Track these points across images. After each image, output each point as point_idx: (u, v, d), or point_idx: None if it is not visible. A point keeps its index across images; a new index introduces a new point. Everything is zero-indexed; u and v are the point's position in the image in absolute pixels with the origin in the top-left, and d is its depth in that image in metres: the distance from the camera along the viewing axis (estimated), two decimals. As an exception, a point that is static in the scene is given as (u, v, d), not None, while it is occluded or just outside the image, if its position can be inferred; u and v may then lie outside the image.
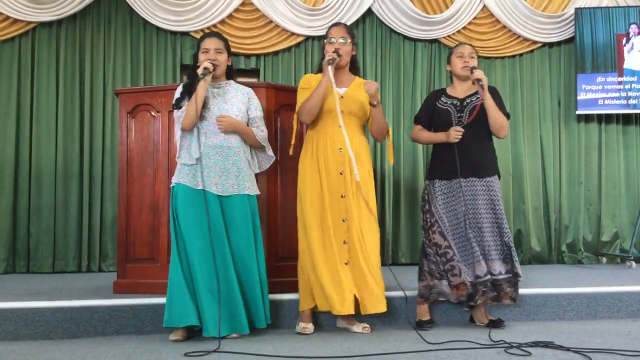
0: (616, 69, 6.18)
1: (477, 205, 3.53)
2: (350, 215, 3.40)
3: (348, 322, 3.51)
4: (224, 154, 3.32)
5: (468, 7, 6.25)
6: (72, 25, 5.85)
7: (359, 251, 3.39)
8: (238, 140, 3.39)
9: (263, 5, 5.95)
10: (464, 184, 3.54)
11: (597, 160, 6.39)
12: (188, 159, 3.32)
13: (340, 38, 3.50)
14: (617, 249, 6.25)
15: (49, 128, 5.71)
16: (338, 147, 3.43)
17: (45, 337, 3.36)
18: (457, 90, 3.71)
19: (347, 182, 3.42)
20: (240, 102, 3.44)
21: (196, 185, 3.28)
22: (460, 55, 3.66)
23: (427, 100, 3.81)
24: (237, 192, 3.34)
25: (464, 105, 3.62)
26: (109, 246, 5.66)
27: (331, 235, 3.38)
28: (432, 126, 3.72)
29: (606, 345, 2.99)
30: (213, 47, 3.40)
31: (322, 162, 3.44)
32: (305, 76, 3.64)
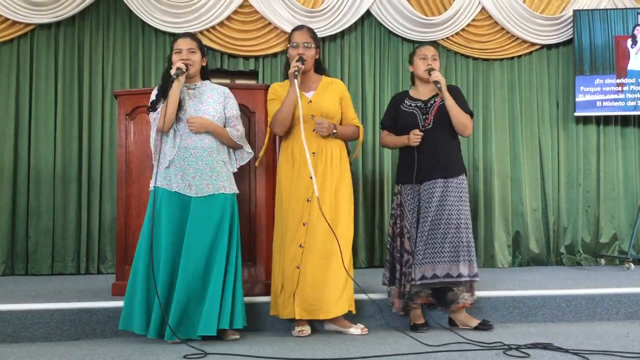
0: (614, 71, 6.19)
1: (443, 206, 3.49)
2: (312, 219, 3.39)
3: (340, 325, 3.49)
4: (198, 155, 3.30)
5: (466, 9, 6.25)
6: (70, 27, 5.85)
7: (315, 255, 3.37)
8: (212, 140, 3.36)
9: (262, 7, 5.96)
10: (428, 186, 3.53)
11: (595, 162, 6.40)
12: (163, 161, 3.31)
13: (304, 42, 3.49)
14: (615, 250, 6.25)
15: (47, 130, 5.71)
16: (312, 151, 3.42)
17: (44, 339, 3.36)
18: (420, 92, 3.70)
19: (319, 186, 3.39)
20: (217, 102, 3.42)
21: (171, 188, 3.29)
22: (423, 57, 3.64)
23: (391, 104, 3.79)
24: (213, 192, 3.31)
25: (428, 107, 3.62)
26: (108, 248, 5.66)
27: (288, 240, 3.41)
28: (397, 130, 3.69)
29: (605, 347, 2.99)
30: (186, 47, 3.38)
31: (296, 167, 3.46)
32: (272, 86, 3.64)
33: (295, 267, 3.38)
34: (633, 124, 6.43)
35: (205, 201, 3.29)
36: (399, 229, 3.61)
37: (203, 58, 3.47)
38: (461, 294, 3.52)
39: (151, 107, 3.36)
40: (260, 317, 3.61)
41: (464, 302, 3.53)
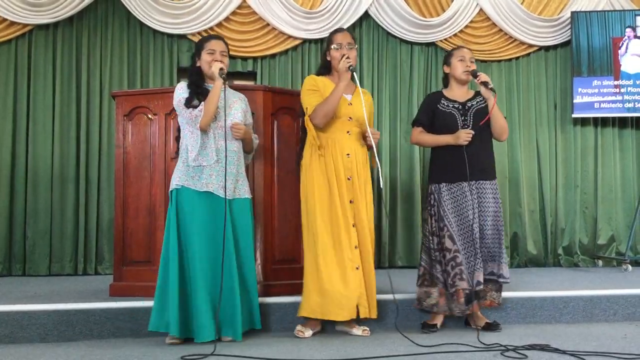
0: (612, 73, 6.20)
1: (484, 207, 3.55)
2: (360, 221, 3.43)
3: (348, 326, 3.50)
4: (230, 158, 3.31)
5: (465, 11, 6.26)
6: (69, 27, 5.85)
7: (368, 256, 3.43)
8: (239, 145, 3.41)
9: (260, 8, 5.96)
10: (474, 186, 3.55)
11: (593, 163, 6.41)
12: (203, 161, 3.27)
13: (348, 43, 3.51)
14: (613, 252, 6.26)
15: (45, 130, 5.70)
16: (346, 153, 3.44)
17: (41, 340, 3.35)
18: (456, 94, 3.70)
19: (355, 188, 3.44)
20: (240, 108, 3.45)
21: (201, 188, 3.26)
22: (461, 59, 3.65)
23: (427, 103, 3.77)
24: (239, 195, 3.36)
25: (466, 109, 3.62)
26: (106, 249, 5.66)
27: (343, 241, 3.38)
28: (434, 129, 3.67)
29: (602, 349, 2.99)
30: (219, 49, 3.40)
31: (330, 167, 3.43)
32: (311, 77, 3.60)
33: (354, 269, 3.38)
34: (631, 125, 6.44)
35: (237, 204, 3.34)
36: (436, 228, 3.58)
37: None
38: (489, 292, 3.57)
39: (187, 104, 3.30)
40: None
41: (492, 300, 3.58)
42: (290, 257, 3.94)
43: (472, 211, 3.52)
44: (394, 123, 6.21)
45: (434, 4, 6.28)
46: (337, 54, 3.47)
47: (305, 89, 3.54)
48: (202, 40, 3.50)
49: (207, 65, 3.37)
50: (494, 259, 3.54)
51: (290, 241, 3.94)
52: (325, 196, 3.42)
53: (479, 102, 3.64)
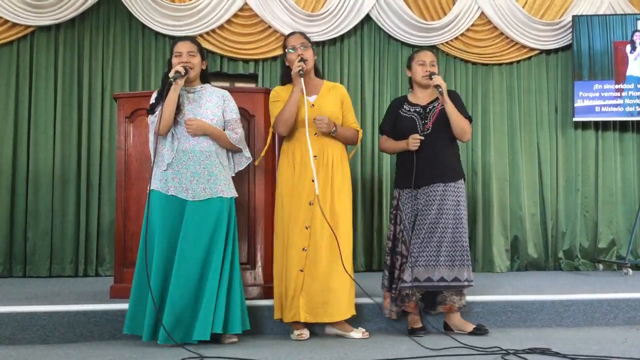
0: (613, 77, 6.20)
1: (443, 211, 3.49)
2: (315, 222, 3.41)
3: (341, 329, 3.49)
4: (196, 158, 3.30)
5: (466, 14, 6.27)
6: (70, 29, 5.86)
7: (318, 259, 3.39)
8: (211, 144, 3.35)
9: (262, 11, 5.96)
10: (426, 191, 3.53)
11: (594, 167, 6.41)
12: (161, 164, 3.32)
13: (301, 44, 3.51)
14: (613, 255, 6.25)
15: (46, 132, 5.71)
16: (313, 155, 3.44)
17: (42, 341, 3.36)
18: (419, 97, 3.70)
19: (319, 189, 3.41)
20: (215, 106, 3.41)
21: (167, 191, 3.28)
22: (421, 63, 3.64)
23: (390, 110, 3.78)
24: (210, 195, 3.30)
25: (427, 112, 3.62)
26: (106, 250, 5.65)
27: (292, 242, 3.41)
28: (395, 135, 3.68)
29: (603, 353, 2.99)
30: (186, 50, 3.38)
31: (297, 170, 3.46)
32: (275, 89, 3.64)
33: (298, 271, 3.38)
34: (632, 129, 6.44)
35: (201, 205, 3.28)
36: (396, 232, 3.61)
37: (203, 61, 3.47)
38: (450, 297, 3.52)
39: (150, 109, 3.37)
40: (258, 321, 3.60)
41: (451, 305, 3.52)
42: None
43: (428, 216, 3.49)
44: (395, 126, 6.20)
45: (435, 7, 6.29)
46: (293, 57, 3.49)
47: (270, 101, 3.60)
48: (172, 44, 3.50)
49: None
50: (453, 264, 3.47)
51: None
52: (287, 199, 3.47)
53: (439, 103, 3.59)
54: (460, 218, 3.51)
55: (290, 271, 3.39)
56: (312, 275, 3.38)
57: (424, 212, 3.51)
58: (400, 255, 3.55)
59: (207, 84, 3.52)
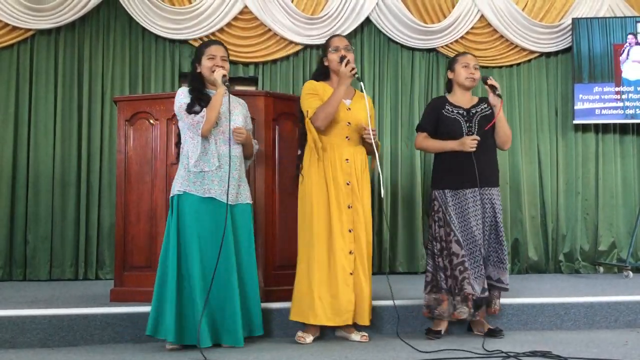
0: (613, 79, 6.21)
1: (487, 215, 3.55)
2: (357, 226, 3.42)
3: (347, 331, 3.50)
4: (232, 163, 3.31)
5: (466, 17, 6.28)
6: (71, 33, 5.86)
7: (362, 262, 3.41)
8: (240, 150, 3.40)
9: (262, 14, 5.97)
10: (478, 194, 3.54)
11: (594, 169, 6.41)
12: (204, 166, 3.27)
13: (345, 46, 3.52)
14: (614, 258, 6.25)
15: (47, 135, 5.71)
16: (345, 158, 3.44)
17: (41, 345, 3.35)
18: (460, 100, 3.69)
19: (354, 193, 3.43)
20: (241, 113, 3.45)
21: (204, 194, 3.26)
22: (465, 65, 3.65)
23: (431, 108, 3.74)
24: (240, 201, 3.35)
25: (470, 115, 3.62)
26: (106, 254, 5.65)
27: (337, 246, 3.37)
28: (438, 135, 3.65)
29: (604, 355, 2.99)
30: (220, 55, 3.41)
31: (329, 172, 3.43)
32: (310, 82, 3.60)
33: (349, 274, 3.37)
34: (632, 132, 6.45)
35: (240, 209, 3.34)
36: (442, 234, 3.55)
37: None
38: (494, 299, 3.57)
39: (188, 109, 3.29)
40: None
41: (495, 308, 3.58)
42: (292, 263, 3.91)
43: (475, 218, 3.51)
44: (395, 129, 6.21)
45: (435, 10, 6.30)
46: (336, 56, 3.48)
47: (304, 93, 3.54)
48: (202, 46, 3.51)
49: (207, 71, 3.37)
50: (497, 266, 3.54)
51: (291, 247, 3.92)
52: (323, 201, 3.42)
53: (484, 109, 3.64)
54: (501, 222, 3.59)
55: (340, 275, 3.35)
56: (359, 279, 3.39)
57: (486, 215, 3.55)
58: (454, 255, 3.48)
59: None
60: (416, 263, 6.07)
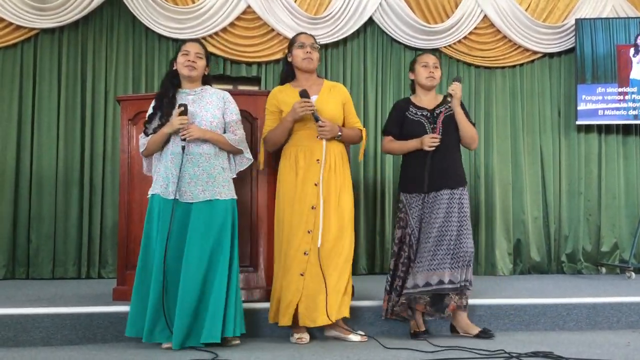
0: (616, 80, 6.20)
1: (449, 216, 3.49)
2: (317, 227, 3.39)
3: (341, 331, 3.48)
4: (195, 160, 3.30)
5: (469, 17, 6.27)
6: (74, 32, 5.87)
7: (318, 263, 3.36)
8: (210, 146, 3.35)
9: (265, 14, 5.97)
10: (434, 196, 3.52)
11: (597, 170, 6.40)
12: (158, 169, 3.37)
13: (311, 44, 3.54)
14: (616, 259, 6.24)
15: (50, 135, 5.72)
16: (316, 159, 3.44)
17: (44, 343, 3.36)
18: (424, 101, 3.68)
19: (320, 194, 3.41)
20: (216, 108, 3.41)
21: (168, 195, 3.28)
22: (425, 64, 3.64)
23: (395, 111, 3.73)
24: (209, 198, 3.29)
25: (434, 116, 3.60)
26: (109, 253, 5.66)
27: (292, 246, 3.38)
28: (402, 137, 3.65)
29: (606, 356, 2.99)
30: (194, 51, 3.40)
31: (300, 173, 3.44)
32: (272, 93, 3.62)
33: (299, 275, 3.37)
34: (635, 133, 6.44)
35: (203, 207, 3.28)
36: (402, 237, 3.60)
37: (207, 66, 3.49)
38: (453, 296, 3.52)
39: (147, 122, 3.40)
40: (260, 323, 3.60)
41: (453, 305, 3.51)
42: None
43: (435, 222, 3.49)
44: (398, 129, 6.20)
45: (438, 10, 6.29)
46: (301, 52, 3.52)
47: (266, 108, 3.61)
48: (180, 44, 3.53)
49: (181, 67, 3.38)
50: (457, 266, 3.47)
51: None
52: (289, 203, 3.44)
53: (448, 109, 3.60)
54: (463, 222, 3.51)
55: (292, 275, 3.37)
56: (312, 279, 3.35)
57: (431, 218, 3.51)
58: (408, 259, 3.54)
59: (208, 85, 3.53)
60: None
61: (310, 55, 3.52)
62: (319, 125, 3.40)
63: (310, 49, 3.52)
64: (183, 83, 3.44)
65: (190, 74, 3.37)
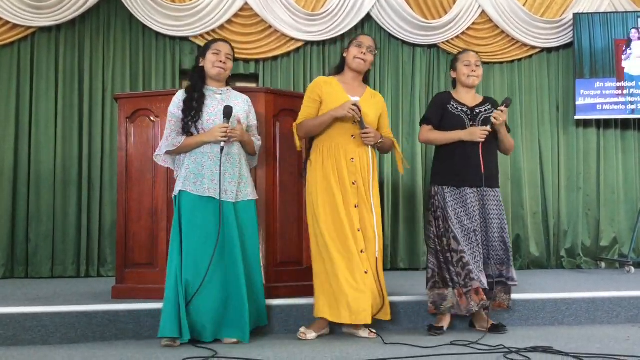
0: (614, 74, 6.20)
1: (489, 213, 3.55)
2: (364, 225, 3.44)
3: (355, 328, 3.49)
4: (232, 160, 3.33)
5: (467, 13, 6.26)
6: (71, 30, 5.86)
7: (373, 260, 3.43)
8: (239, 147, 3.40)
9: (262, 11, 5.96)
10: (478, 193, 3.55)
11: (595, 165, 6.40)
12: (198, 165, 3.32)
13: (369, 47, 3.55)
14: (615, 254, 6.25)
15: (48, 133, 5.71)
16: (350, 157, 3.44)
17: (43, 342, 3.35)
18: (464, 98, 3.67)
19: (360, 192, 3.44)
20: (243, 110, 3.46)
21: (203, 193, 3.27)
22: (467, 63, 3.63)
23: (436, 102, 3.71)
24: (241, 198, 3.36)
25: (474, 114, 3.60)
26: (108, 251, 5.66)
27: (349, 245, 3.37)
28: (441, 130, 3.62)
29: (605, 351, 2.99)
30: (225, 52, 3.42)
31: (335, 171, 3.43)
32: (316, 81, 3.60)
33: (364, 273, 3.37)
34: (633, 127, 6.44)
35: (242, 206, 3.35)
36: (443, 230, 3.55)
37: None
38: (499, 294, 3.56)
39: (184, 116, 3.34)
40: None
41: (501, 302, 3.59)
42: (293, 259, 3.94)
43: (475, 216, 3.51)
44: (396, 125, 6.21)
45: (436, 6, 6.29)
46: (356, 51, 3.53)
47: (306, 93, 3.59)
48: (209, 42, 3.54)
49: (210, 65, 3.40)
50: (502, 263, 3.55)
51: (293, 243, 3.94)
52: (329, 201, 3.41)
53: (487, 109, 3.63)
54: (504, 219, 3.62)
55: (356, 274, 3.35)
56: (373, 276, 3.41)
57: (482, 214, 3.55)
58: (453, 251, 3.48)
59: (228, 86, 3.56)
60: (417, 259, 6.07)
61: (363, 56, 3.52)
62: (364, 132, 3.41)
63: (366, 50, 3.53)
64: (209, 81, 3.44)
65: (220, 75, 3.40)
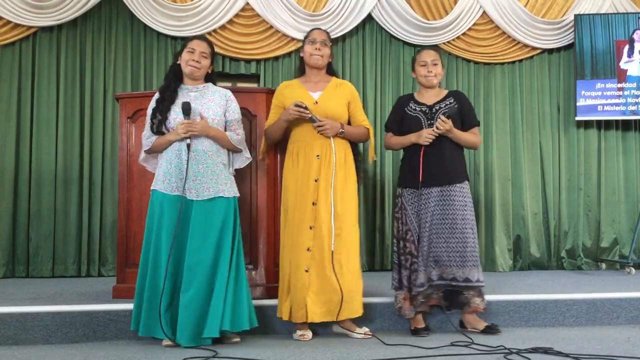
0: (615, 75, 6.19)
1: (449, 212, 3.49)
2: (319, 222, 3.39)
3: (347, 327, 3.49)
4: (199, 158, 3.29)
5: (468, 14, 6.26)
6: (72, 30, 5.87)
7: (322, 258, 3.37)
8: (212, 143, 3.34)
9: (263, 11, 5.97)
10: (429, 191, 3.52)
11: (596, 166, 6.40)
12: (161, 164, 3.36)
13: (322, 40, 3.54)
14: (616, 255, 6.25)
15: (49, 133, 5.72)
16: (316, 154, 3.44)
17: (44, 341, 3.36)
18: (425, 97, 3.68)
19: (320, 190, 3.41)
20: (217, 105, 3.41)
21: (172, 191, 3.28)
22: (423, 64, 3.64)
23: (396, 107, 3.75)
24: (212, 195, 3.28)
25: (433, 112, 3.60)
26: (109, 251, 5.66)
27: (296, 243, 3.39)
28: (401, 134, 3.65)
29: (606, 352, 2.99)
30: (199, 50, 3.40)
31: (300, 169, 3.45)
32: (279, 88, 3.65)
33: (304, 271, 3.36)
34: (634, 128, 6.43)
35: (206, 205, 3.27)
36: (403, 232, 3.59)
37: (211, 65, 3.48)
38: (472, 299, 3.53)
39: (152, 115, 3.38)
40: (261, 320, 3.59)
41: (476, 307, 3.54)
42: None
43: (432, 216, 3.48)
44: (397, 125, 6.20)
45: (437, 6, 6.28)
46: (309, 49, 3.54)
47: (272, 101, 3.64)
48: (187, 40, 3.52)
49: (184, 64, 3.39)
50: (461, 265, 3.45)
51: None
52: (291, 199, 3.46)
53: (448, 104, 3.60)
54: (467, 219, 3.49)
55: (296, 271, 3.37)
56: (317, 275, 3.36)
57: (428, 213, 3.50)
58: (410, 254, 3.53)
59: (210, 83, 3.52)
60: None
61: (319, 52, 3.52)
62: (317, 126, 3.41)
63: (320, 45, 3.53)
64: (185, 79, 3.45)
65: (193, 73, 3.38)
